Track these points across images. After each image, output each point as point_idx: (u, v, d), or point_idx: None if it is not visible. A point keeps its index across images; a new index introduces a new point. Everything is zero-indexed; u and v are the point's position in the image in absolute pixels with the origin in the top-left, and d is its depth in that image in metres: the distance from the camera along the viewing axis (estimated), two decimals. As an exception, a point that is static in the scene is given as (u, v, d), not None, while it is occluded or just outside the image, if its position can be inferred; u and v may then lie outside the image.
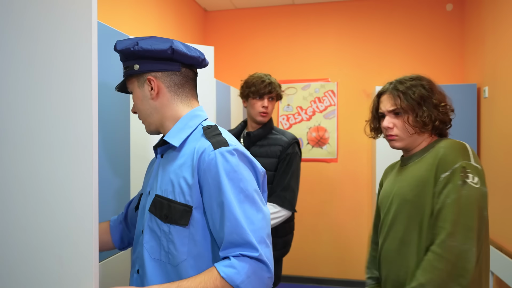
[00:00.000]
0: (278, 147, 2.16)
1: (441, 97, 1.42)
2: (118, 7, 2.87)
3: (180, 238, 1.09)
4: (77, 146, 0.91)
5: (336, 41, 4.23)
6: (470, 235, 1.24)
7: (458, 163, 1.28)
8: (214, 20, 4.53)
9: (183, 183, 1.10)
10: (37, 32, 0.94)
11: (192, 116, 1.22)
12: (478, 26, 3.49)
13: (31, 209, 0.95)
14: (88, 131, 0.89)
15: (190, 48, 1.21)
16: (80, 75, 0.91)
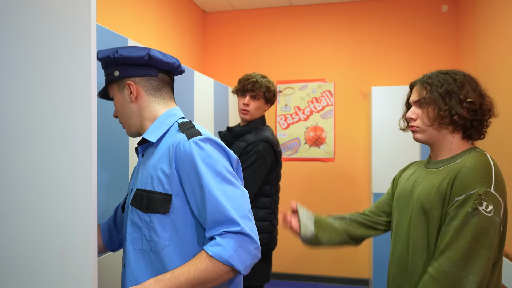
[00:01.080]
0: (243, 143, 2.19)
1: (471, 95, 1.34)
2: (117, 10, 2.91)
3: (162, 225, 1.16)
4: (76, 144, 0.96)
5: (333, 41, 4.28)
6: (469, 263, 1.20)
7: (476, 189, 1.22)
8: (213, 21, 4.58)
9: (161, 174, 1.17)
10: (37, 35, 0.99)
11: (169, 115, 1.29)
12: (472, 27, 3.53)
13: (33, 204, 0.99)
14: (88, 129, 0.94)
15: (166, 56, 1.30)
16: (80, 76, 0.95)
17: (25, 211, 1.00)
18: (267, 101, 2.27)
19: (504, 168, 2.79)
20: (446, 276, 1.21)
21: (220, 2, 4.28)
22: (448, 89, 1.35)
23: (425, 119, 1.39)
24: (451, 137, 1.39)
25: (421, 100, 1.40)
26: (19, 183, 1.00)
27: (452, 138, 1.39)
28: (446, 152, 1.40)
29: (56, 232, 0.97)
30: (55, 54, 0.98)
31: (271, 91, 2.26)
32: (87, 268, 0.94)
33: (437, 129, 1.38)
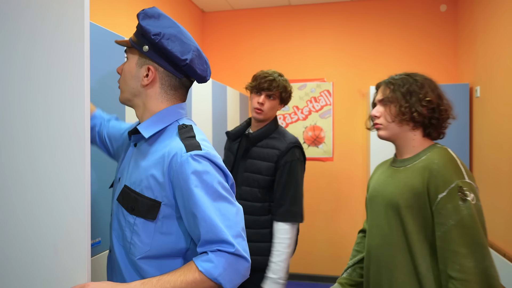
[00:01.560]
0: (275, 151, 2.02)
1: (430, 95, 1.44)
2: (115, 9, 2.92)
3: (146, 230, 1.12)
4: (70, 142, 0.97)
5: (332, 41, 4.28)
6: (484, 252, 1.24)
7: (454, 183, 1.30)
8: (212, 21, 4.58)
9: (152, 180, 1.12)
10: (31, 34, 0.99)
11: (170, 111, 1.23)
12: (471, 26, 3.54)
13: (27, 201, 1.00)
14: (81, 127, 0.95)
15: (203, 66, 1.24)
16: (74, 75, 0.96)
17: (19, 209, 1.00)
18: (282, 101, 2.13)
19: (502, 167, 2.80)
20: (474, 272, 1.23)
21: (219, 2, 4.28)
22: (409, 89, 1.45)
23: (388, 116, 1.48)
24: (412, 134, 1.48)
25: (385, 99, 1.50)
26: (12, 181, 1.01)
27: (414, 136, 1.48)
28: (410, 150, 1.49)
29: (50, 229, 0.98)
30: (50, 53, 0.99)
31: (287, 91, 2.11)
32: (81, 266, 0.95)
33: (398, 126, 1.48)
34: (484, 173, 3.17)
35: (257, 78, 2.08)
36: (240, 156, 2.11)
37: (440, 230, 1.30)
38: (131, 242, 1.14)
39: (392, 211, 1.42)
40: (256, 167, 2.02)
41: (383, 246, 1.46)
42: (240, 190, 2.03)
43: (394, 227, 1.42)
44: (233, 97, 3.81)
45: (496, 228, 2.91)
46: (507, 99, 2.73)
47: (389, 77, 1.55)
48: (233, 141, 2.20)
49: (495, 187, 2.94)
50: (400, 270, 1.39)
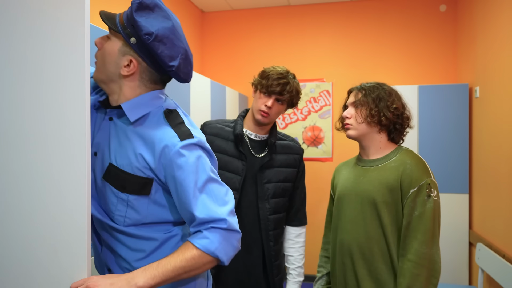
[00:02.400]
0: (296, 156, 1.93)
1: (396, 102, 1.62)
2: (114, 9, 2.91)
3: (141, 204, 1.17)
4: (70, 143, 0.96)
5: (331, 41, 4.28)
6: (435, 241, 1.50)
7: (424, 180, 1.51)
8: (211, 21, 4.58)
9: (142, 162, 1.14)
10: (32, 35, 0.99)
11: (154, 96, 1.21)
12: (470, 27, 3.54)
13: (27, 202, 0.99)
14: (81, 128, 0.94)
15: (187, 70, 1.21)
16: (74, 76, 0.95)
17: (18, 210, 1.00)
18: (291, 105, 1.89)
19: (502, 167, 2.80)
20: (424, 257, 1.46)
21: (218, 2, 4.28)
22: (379, 95, 1.62)
23: (358, 118, 1.63)
24: (379, 136, 1.65)
25: (357, 101, 1.65)
26: (12, 182, 1.00)
27: (380, 138, 1.65)
28: (377, 151, 1.66)
29: (49, 230, 0.97)
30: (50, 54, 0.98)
31: (299, 96, 1.87)
32: (81, 267, 0.94)
33: (367, 127, 1.63)
34: (484, 174, 3.17)
35: (269, 77, 1.79)
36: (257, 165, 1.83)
37: (406, 220, 1.51)
38: (126, 216, 1.18)
39: (369, 207, 1.58)
40: (284, 175, 1.86)
41: (360, 240, 1.59)
42: (269, 204, 1.81)
43: (371, 221, 1.57)
44: (232, 97, 3.81)
45: (495, 229, 2.91)
46: (507, 100, 2.73)
47: (361, 84, 1.72)
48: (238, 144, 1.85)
49: (494, 187, 2.94)
50: (378, 260, 1.55)
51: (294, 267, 1.91)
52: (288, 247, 1.93)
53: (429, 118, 3.54)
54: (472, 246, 3.39)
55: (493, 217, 2.94)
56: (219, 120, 1.96)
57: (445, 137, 3.51)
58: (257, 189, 1.82)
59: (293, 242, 1.93)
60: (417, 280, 1.45)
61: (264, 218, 1.80)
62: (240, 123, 1.88)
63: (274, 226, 1.83)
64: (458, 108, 3.49)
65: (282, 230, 1.92)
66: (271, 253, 1.82)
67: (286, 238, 1.95)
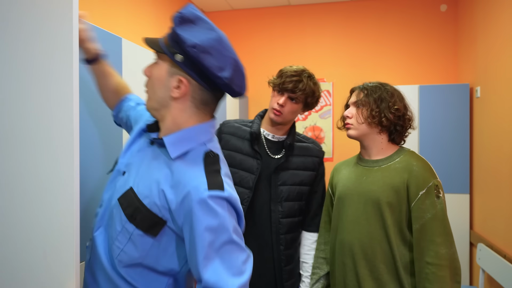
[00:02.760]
0: (315, 158, 1.87)
1: (398, 104, 1.61)
2: (114, 10, 2.91)
3: (143, 244, 1.06)
4: (59, 146, 0.95)
5: (331, 41, 4.27)
6: (451, 240, 1.50)
7: (431, 182, 1.51)
8: (211, 21, 4.56)
9: (162, 198, 1.05)
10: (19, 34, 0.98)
11: (202, 130, 1.13)
12: (471, 26, 3.52)
13: (15, 206, 0.98)
14: (70, 131, 0.93)
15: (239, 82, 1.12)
16: (62, 75, 0.94)
17: (7, 213, 0.99)
18: (307, 106, 1.82)
19: (503, 167, 2.78)
20: (445, 258, 1.46)
21: (219, 2, 4.27)
22: (381, 96, 1.61)
23: (359, 118, 1.63)
24: (379, 137, 1.64)
25: (358, 101, 1.64)
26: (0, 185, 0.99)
27: (381, 139, 1.64)
28: (379, 152, 1.65)
29: (39, 234, 0.96)
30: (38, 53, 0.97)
31: (315, 96, 1.80)
32: (70, 271, 0.93)
33: (368, 127, 1.62)
34: (485, 174, 3.15)
35: (283, 75, 1.77)
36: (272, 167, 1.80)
37: (418, 223, 1.50)
38: (123, 250, 1.07)
39: (372, 207, 1.56)
40: (300, 178, 1.81)
41: (363, 240, 1.57)
42: (282, 207, 1.77)
43: (374, 221, 1.56)
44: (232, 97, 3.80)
45: (496, 229, 2.89)
46: (508, 100, 2.71)
47: (363, 84, 1.70)
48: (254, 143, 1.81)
49: (495, 187, 2.92)
50: (380, 260, 1.54)
51: (308, 275, 1.83)
52: (304, 253, 1.86)
53: (429, 118, 3.52)
54: (473, 246, 3.37)
55: (494, 217, 2.92)
56: (237, 119, 1.94)
57: (446, 137, 3.49)
58: (271, 191, 1.78)
59: (309, 249, 1.85)
60: (444, 282, 1.44)
61: (276, 221, 1.77)
62: (257, 123, 1.85)
63: (286, 230, 1.78)
64: (459, 108, 3.47)
65: (296, 235, 1.85)
66: (281, 257, 1.78)
67: (302, 243, 1.88)
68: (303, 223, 1.88)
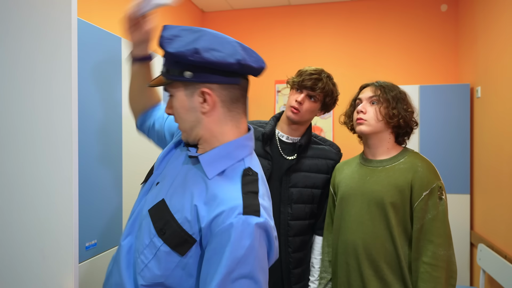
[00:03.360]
0: (329, 161, 1.86)
1: (411, 106, 1.62)
2: (114, 10, 2.90)
3: (168, 262, 0.98)
4: (58, 145, 0.95)
5: (331, 41, 4.26)
6: (450, 242, 1.50)
7: (435, 183, 1.51)
8: (212, 21, 4.57)
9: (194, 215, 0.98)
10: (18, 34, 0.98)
11: (239, 145, 1.07)
12: (472, 26, 3.52)
13: (14, 206, 0.98)
14: (68, 131, 0.93)
15: (256, 59, 1.07)
16: (61, 76, 0.94)
17: (5, 213, 0.99)
18: (324, 107, 1.82)
19: (503, 168, 2.78)
20: (442, 259, 1.46)
21: (219, 2, 4.27)
22: (397, 96, 1.60)
23: (377, 115, 1.59)
24: (388, 137, 1.63)
25: (374, 97, 1.60)
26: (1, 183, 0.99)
27: (389, 139, 1.63)
28: (384, 152, 1.64)
29: (37, 234, 0.96)
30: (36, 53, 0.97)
31: (333, 96, 1.80)
32: (68, 272, 0.93)
33: (382, 126, 1.60)
34: (485, 174, 3.14)
35: (302, 73, 1.77)
36: (284, 168, 1.79)
37: (419, 223, 1.50)
38: (147, 265, 0.99)
39: (376, 207, 1.56)
40: (312, 181, 1.79)
41: (366, 240, 1.56)
42: (291, 209, 1.76)
43: (378, 221, 1.55)
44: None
45: (497, 229, 2.88)
46: (508, 100, 2.70)
47: (376, 81, 1.68)
48: (265, 144, 1.81)
49: (496, 188, 2.91)
50: (384, 260, 1.54)
51: (314, 279, 1.82)
52: (313, 257, 1.84)
53: (430, 118, 3.51)
54: (474, 246, 3.37)
55: (495, 218, 2.92)
56: (254, 121, 1.94)
57: (446, 137, 3.48)
58: (281, 192, 1.77)
59: (318, 253, 1.83)
60: (438, 283, 1.45)
61: (284, 223, 1.75)
62: (271, 124, 1.84)
63: (295, 233, 1.76)
64: (459, 108, 3.46)
65: (307, 238, 1.83)
66: (289, 260, 1.76)
67: (313, 247, 1.86)
68: (314, 227, 1.86)
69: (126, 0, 3.06)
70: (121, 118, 1.86)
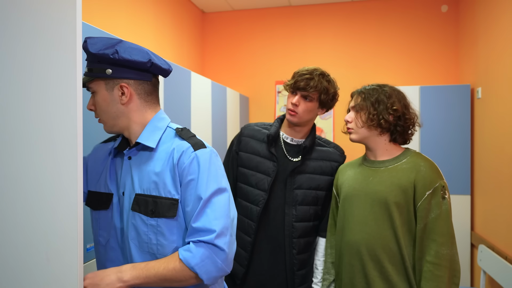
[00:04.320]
0: (334, 163, 1.86)
1: (396, 104, 1.61)
2: (114, 11, 2.90)
3: (169, 229, 1.19)
4: (62, 148, 0.95)
5: (332, 42, 4.26)
6: (453, 241, 1.51)
7: (438, 183, 1.53)
8: (212, 22, 4.57)
9: (167, 180, 1.19)
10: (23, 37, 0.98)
11: (159, 118, 1.29)
12: (472, 27, 3.52)
13: (18, 208, 0.98)
14: (73, 133, 0.93)
15: (163, 62, 1.29)
16: (66, 78, 0.94)
17: (9, 216, 0.98)
18: (323, 105, 1.80)
19: (504, 168, 2.78)
20: (445, 258, 1.47)
21: (219, 3, 4.27)
22: (378, 98, 1.62)
23: (358, 122, 1.65)
24: (382, 139, 1.65)
25: (356, 106, 1.66)
26: (3, 187, 0.99)
27: (383, 140, 1.65)
28: (384, 153, 1.66)
29: (41, 237, 0.96)
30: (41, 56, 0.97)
31: (329, 93, 1.78)
32: (72, 274, 0.93)
33: (367, 130, 1.64)
34: (486, 175, 3.15)
35: (295, 75, 1.80)
36: (289, 170, 1.80)
37: (422, 222, 1.51)
38: (157, 244, 1.19)
39: (380, 207, 1.57)
40: (316, 183, 1.80)
41: (370, 240, 1.57)
42: (295, 211, 1.77)
43: (382, 222, 1.56)
44: (233, 98, 3.80)
45: (497, 230, 2.89)
46: (509, 100, 2.71)
47: (362, 87, 1.71)
48: (270, 146, 1.83)
49: (496, 189, 2.91)
50: (389, 261, 1.54)
51: (316, 281, 1.82)
52: (316, 259, 1.85)
53: (430, 119, 3.51)
54: (474, 247, 3.37)
55: (495, 219, 2.92)
56: (258, 123, 1.97)
57: (447, 138, 3.49)
58: (286, 194, 1.79)
59: (322, 255, 1.84)
60: (441, 282, 1.46)
61: (289, 224, 1.76)
62: (276, 126, 1.87)
63: (300, 234, 1.77)
64: (460, 109, 3.47)
65: (311, 239, 1.84)
66: (293, 261, 1.77)
67: (316, 249, 1.87)
68: (318, 229, 1.87)
69: (125, 2, 3.06)
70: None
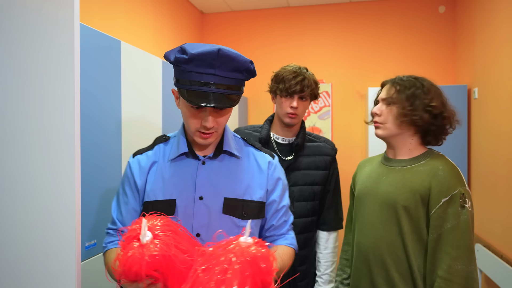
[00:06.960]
0: (326, 157, 1.88)
1: (435, 100, 1.42)
2: (113, 12, 2.92)
3: (257, 227, 1.35)
4: (61, 148, 0.97)
5: (330, 42, 4.28)
6: (472, 256, 1.32)
7: (457, 189, 1.35)
8: (211, 23, 4.59)
9: (257, 185, 1.33)
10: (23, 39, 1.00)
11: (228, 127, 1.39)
12: (469, 28, 3.54)
13: (17, 207, 1.00)
14: (71, 133, 0.95)
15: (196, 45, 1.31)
16: (64, 80, 0.96)
17: (9, 214, 1.00)
18: (314, 98, 1.85)
19: (500, 169, 2.80)
20: (459, 274, 1.29)
21: (218, 3, 4.29)
22: (415, 92, 1.43)
23: (389, 117, 1.47)
24: (410, 139, 1.48)
25: (388, 98, 1.48)
26: (2, 186, 1.01)
27: (411, 140, 1.48)
28: (405, 152, 1.50)
29: (41, 234, 0.98)
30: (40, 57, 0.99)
31: (317, 86, 1.84)
32: (71, 271, 0.95)
33: (397, 128, 1.47)
34: (482, 175, 3.16)
35: (285, 80, 1.78)
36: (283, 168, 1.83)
37: (436, 232, 1.35)
38: None
39: (388, 210, 1.44)
40: (312, 178, 1.83)
41: (377, 245, 1.46)
42: (293, 208, 1.78)
43: (389, 226, 1.43)
44: (231, 98, 3.80)
45: (493, 229, 2.91)
46: (505, 101, 2.73)
47: (396, 77, 1.52)
48: None
49: (492, 188, 2.93)
50: (395, 269, 1.41)
51: (320, 274, 1.85)
52: (318, 253, 1.88)
53: (427, 119, 3.52)
54: (471, 247, 3.38)
55: (491, 218, 2.94)
56: (248, 126, 1.98)
57: (444, 138, 3.49)
58: None
59: (323, 248, 1.87)
60: None
61: None
62: (266, 128, 1.88)
63: (299, 230, 1.77)
64: (457, 109, 3.47)
65: (311, 235, 1.87)
66: None
67: (317, 242, 1.89)
68: (317, 223, 1.89)
69: (125, 4, 3.08)
70: (121, 120, 1.88)
